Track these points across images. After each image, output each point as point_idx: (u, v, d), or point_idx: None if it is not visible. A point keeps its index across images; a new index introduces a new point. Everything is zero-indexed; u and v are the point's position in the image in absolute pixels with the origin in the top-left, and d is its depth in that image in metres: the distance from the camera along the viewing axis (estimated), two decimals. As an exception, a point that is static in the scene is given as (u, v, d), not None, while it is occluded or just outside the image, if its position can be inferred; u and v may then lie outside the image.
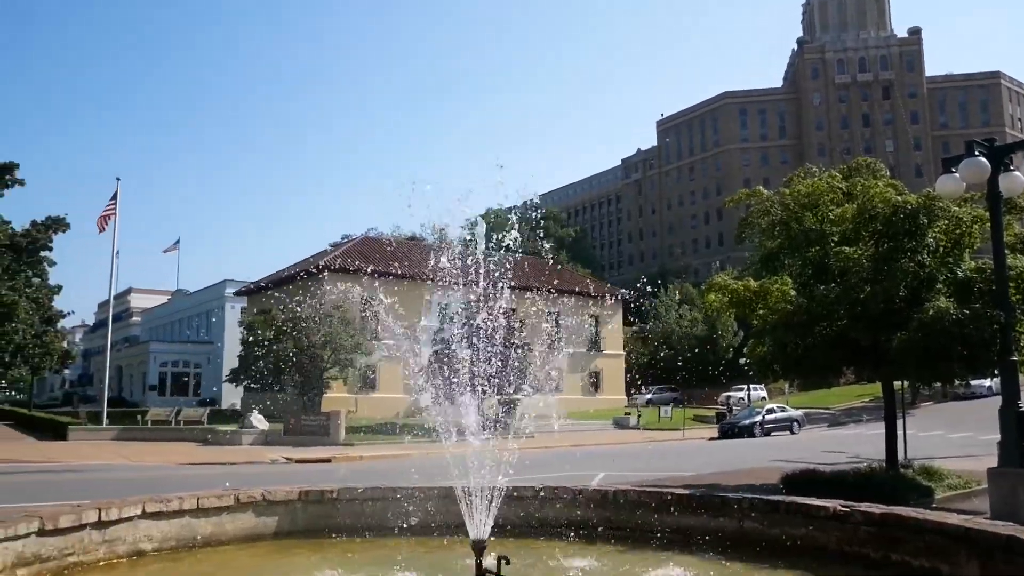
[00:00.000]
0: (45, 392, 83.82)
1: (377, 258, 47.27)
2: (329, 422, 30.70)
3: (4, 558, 7.02)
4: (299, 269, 48.65)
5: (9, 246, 36.20)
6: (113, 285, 38.47)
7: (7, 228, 37.18)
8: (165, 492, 9.39)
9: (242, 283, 58.66)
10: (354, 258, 45.22)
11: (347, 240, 60.86)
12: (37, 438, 35.56)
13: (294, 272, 48.85)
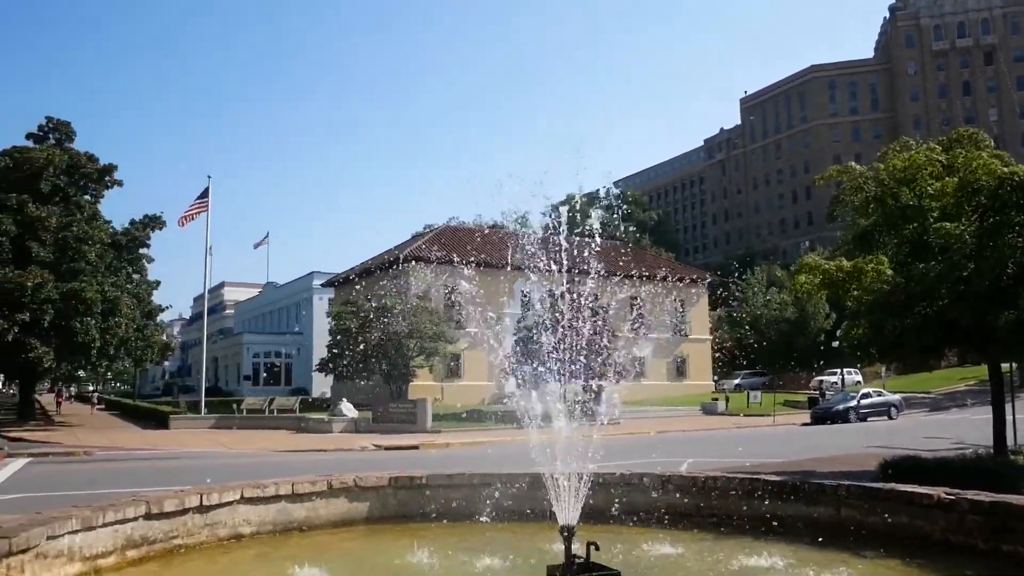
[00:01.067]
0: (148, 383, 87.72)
1: (459, 247, 47.70)
2: (416, 409, 31.17)
3: (115, 540, 7.36)
4: (383, 259, 49.49)
5: (111, 244, 37.87)
6: (207, 279, 40.06)
7: (108, 227, 38.92)
8: (261, 478, 9.68)
9: (329, 274, 60.03)
10: (437, 247, 45.72)
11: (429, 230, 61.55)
12: (141, 427, 37.26)
13: (378, 263, 49.72)
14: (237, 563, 7.90)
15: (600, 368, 8.82)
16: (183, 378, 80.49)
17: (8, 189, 35.64)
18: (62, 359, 35.53)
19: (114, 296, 35.07)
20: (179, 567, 7.63)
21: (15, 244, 34.25)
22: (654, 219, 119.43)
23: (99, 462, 21.76)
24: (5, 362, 37.05)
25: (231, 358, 68.69)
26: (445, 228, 58.83)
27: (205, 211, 36.65)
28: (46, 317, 32.78)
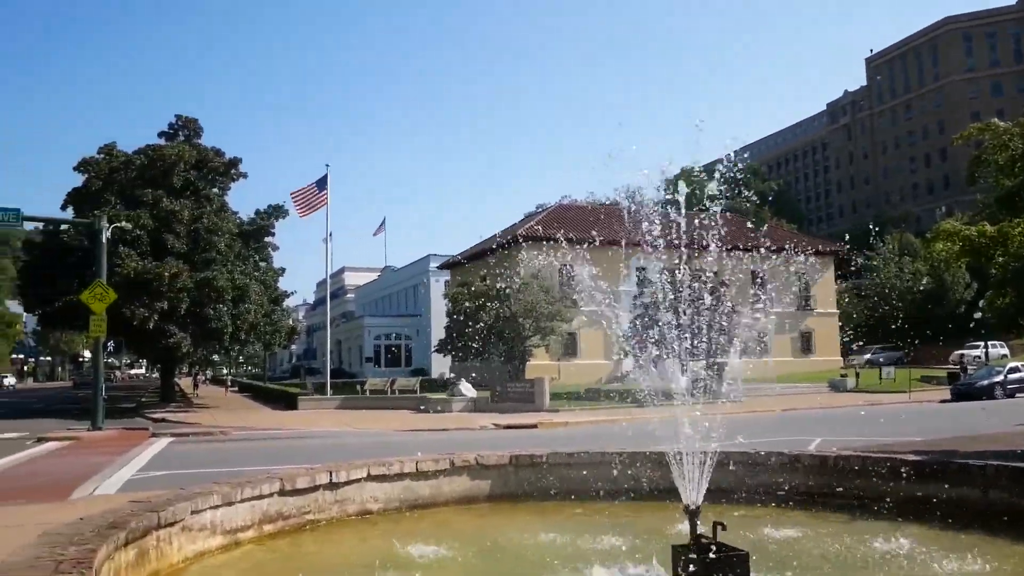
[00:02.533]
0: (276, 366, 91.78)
1: (573, 225, 47.47)
2: (534, 389, 31.31)
3: (253, 515, 7.71)
4: (497, 240, 49.83)
5: (238, 234, 39.64)
6: (328, 265, 41.32)
7: (236, 218, 40.75)
8: (386, 457, 9.92)
9: (445, 256, 60.99)
10: (550, 226, 45.63)
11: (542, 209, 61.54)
12: (272, 407, 38.92)
13: (492, 243, 50.11)
14: (365, 538, 8.13)
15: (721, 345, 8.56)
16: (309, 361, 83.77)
17: (144, 185, 37.81)
18: (198, 344, 37.49)
19: (243, 284, 36.71)
20: (311, 541, 7.92)
21: (152, 237, 36.32)
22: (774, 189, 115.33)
23: (234, 441, 22.84)
24: (148, 348, 39.52)
25: (353, 340, 70.98)
26: (558, 207, 58.63)
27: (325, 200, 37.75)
28: (183, 305, 34.69)
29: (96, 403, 25.84)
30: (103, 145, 40.10)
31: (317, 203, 37.75)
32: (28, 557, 4.82)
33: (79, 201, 38.68)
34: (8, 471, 16.18)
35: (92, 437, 23.36)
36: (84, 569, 4.53)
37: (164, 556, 6.53)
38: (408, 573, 6.63)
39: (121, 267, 32.96)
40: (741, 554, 5.85)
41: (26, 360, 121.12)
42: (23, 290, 42.30)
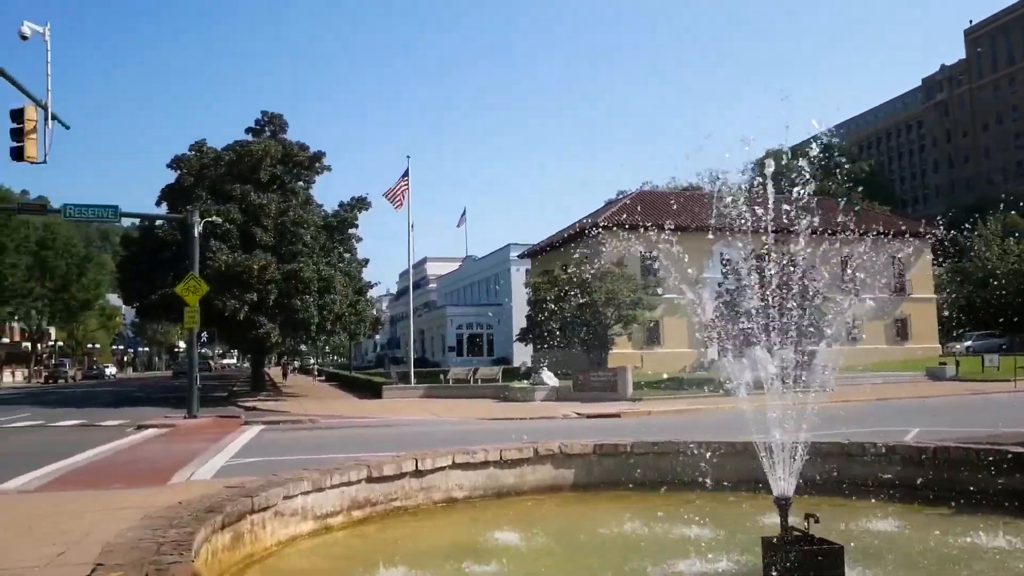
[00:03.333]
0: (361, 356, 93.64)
1: (654, 211, 46.86)
2: (616, 378, 31.08)
3: (341, 501, 7.87)
4: (577, 228, 49.57)
5: (323, 227, 40.52)
6: (411, 256, 41.90)
7: (320, 211, 41.67)
8: (470, 445, 9.99)
9: (525, 246, 61.06)
10: (631, 213, 45.12)
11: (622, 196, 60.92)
12: (357, 396, 39.76)
13: (573, 231, 49.88)
14: (451, 525, 8.21)
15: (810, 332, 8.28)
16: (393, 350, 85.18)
17: (233, 181, 39.02)
18: (286, 335, 38.53)
19: (329, 275, 37.53)
20: (398, 527, 8.03)
21: (241, 231, 37.47)
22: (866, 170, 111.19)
23: (322, 429, 23.40)
24: (239, 338, 40.83)
25: (436, 330, 71.86)
26: (639, 193, 57.93)
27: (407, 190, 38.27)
28: (271, 297, 35.69)
29: (191, 392, 26.86)
30: (194, 142, 41.58)
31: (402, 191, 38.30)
32: (132, 539, 5.02)
33: (172, 197, 40.23)
34: (111, 457, 16.97)
35: (188, 425, 24.30)
36: (184, 551, 4.69)
37: (258, 540, 6.72)
38: (492, 559, 6.65)
39: (213, 260, 34.11)
40: (835, 547, 5.66)
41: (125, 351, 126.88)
42: (122, 284, 44.29)
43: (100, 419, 26.96)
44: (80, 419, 27.11)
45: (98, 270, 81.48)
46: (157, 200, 41.28)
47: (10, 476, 13.74)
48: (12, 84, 16.30)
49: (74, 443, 19.33)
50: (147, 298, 38.25)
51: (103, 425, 24.76)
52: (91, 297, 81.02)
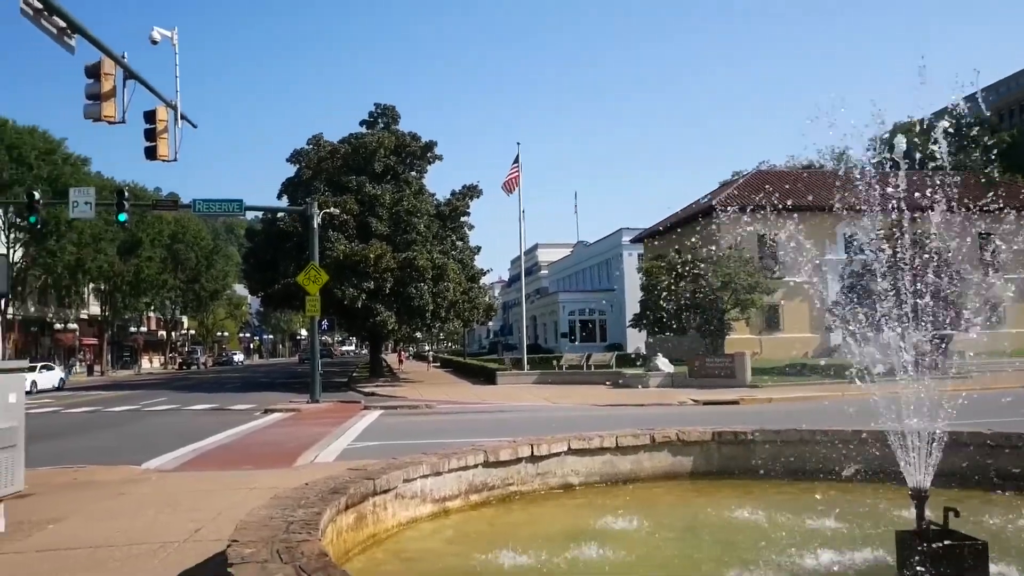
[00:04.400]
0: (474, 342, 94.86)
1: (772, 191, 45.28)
2: (734, 364, 30.30)
3: (459, 485, 7.96)
4: (691, 210, 48.56)
5: (436, 215, 41.20)
6: (522, 242, 41.99)
7: (433, 200, 42.37)
8: (585, 431, 9.92)
9: (638, 230, 60.31)
10: (748, 193, 43.81)
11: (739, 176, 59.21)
12: (472, 382, 40.27)
13: (687, 214, 48.89)
14: (567, 510, 8.18)
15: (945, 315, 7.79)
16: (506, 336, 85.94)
17: (349, 172, 40.18)
18: (402, 322, 39.44)
19: (442, 263, 38.14)
20: (515, 511, 8.06)
21: (358, 221, 38.55)
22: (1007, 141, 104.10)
23: (438, 414, 23.82)
24: (357, 326, 42.09)
25: (548, 316, 72.01)
26: (756, 173, 56.10)
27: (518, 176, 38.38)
28: (387, 285, 36.60)
29: (314, 378, 27.87)
30: (311, 136, 43.07)
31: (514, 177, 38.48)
32: (263, 517, 5.21)
33: (292, 190, 41.84)
34: (241, 439, 17.81)
35: (311, 409, 25.23)
36: (311, 530, 4.83)
37: (380, 521, 6.87)
38: (609, 545, 6.58)
39: (331, 250, 35.26)
40: (977, 544, 5.29)
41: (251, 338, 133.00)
42: (247, 274, 46.44)
43: (230, 403, 28.37)
44: (212, 403, 28.60)
45: (225, 261, 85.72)
46: (278, 193, 43.11)
47: (151, 456, 14.63)
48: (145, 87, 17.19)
49: (207, 426, 20.41)
50: (271, 287, 39.96)
51: (233, 409, 26.03)
52: (219, 287, 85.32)
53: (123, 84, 16.00)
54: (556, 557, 6.29)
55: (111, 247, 57.20)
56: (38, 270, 53.24)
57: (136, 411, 26.31)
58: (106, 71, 15.44)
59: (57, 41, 13.31)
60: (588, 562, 6.21)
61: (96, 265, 55.77)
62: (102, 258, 55.99)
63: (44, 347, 62.71)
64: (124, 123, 16.13)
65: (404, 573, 6.15)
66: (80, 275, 56.47)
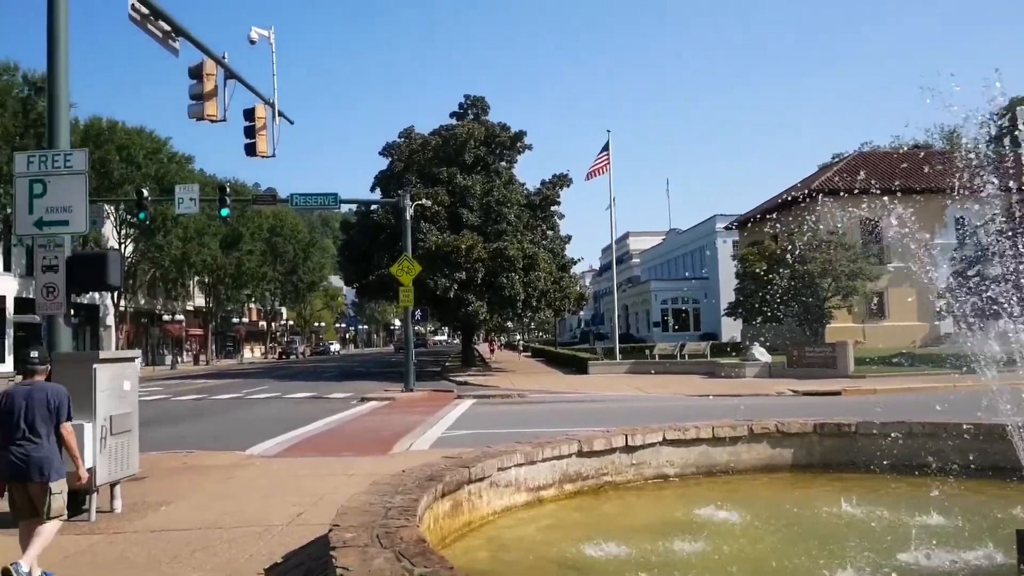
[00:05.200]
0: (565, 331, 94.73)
1: (876, 174, 43.54)
2: (835, 353, 29.29)
3: (553, 474, 7.95)
4: (789, 195, 47.16)
5: (526, 205, 41.26)
6: (613, 231, 41.65)
7: (523, 189, 42.44)
8: (680, 422, 9.76)
9: (732, 216, 59.02)
10: (850, 176, 42.21)
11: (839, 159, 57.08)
12: (563, 371, 40.24)
13: (784, 199, 47.51)
14: (662, 501, 8.07)
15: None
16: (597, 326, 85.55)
17: (440, 164, 40.65)
18: (493, 311, 39.70)
19: (533, 252, 38.21)
20: (609, 501, 8.00)
21: (449, 212, 39.00)
22: None
23: (530, 403, 23.86)
24: (450, 315, 42.63)
25: (640, 305, 71.30)
26: (857, 155, 53.95)
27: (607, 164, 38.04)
28: (479, 275, 36.91)
29: (408, 367, 28.36)
30: (403, 129, 43.78)
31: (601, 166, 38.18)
32: (362, 503, 5.31)
33: (385, 183, 42.63)
34: (339, 427, 18.27)
35: (405, 398, 25.68)
36: (409, 516, 4.89)
37: (475, 509, 6.91)
38: (704, 537, 6.46)
39: (424, 241, 35.78)
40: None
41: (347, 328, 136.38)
42: (342, 266, 47.64)
43: (327, 392, 29.16)
44: (310, 392, 29.47)
45: (321, 254, 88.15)
46: (371, 186, 44.01)
47: (255, 442, 15.17)
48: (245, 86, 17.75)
49: (306, 413, 21.03)
50: (365, 279, 40.87)
51: (330, 397, 26.75)
52: (316, 279, 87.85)
53: (224, 84, 16.53)
54: (650, 548, 6.21)
55: (214, 241, 59.53)
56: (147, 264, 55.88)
57: (240, 399, 27.34)
58: (208, 72, 15.99)
59: (162, 44, 13.85)
60: (683, 554, 6.10)
61: (200, 259, 58.17)
62: (206, 252, 58.34)
63: (153, 337, 65.90)
64: (225, 121, 16.71)
65: (500, 561, 6.17)
66: (186, 268, 59.00)
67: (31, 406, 6.15)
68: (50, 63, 9.82)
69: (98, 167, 42.69)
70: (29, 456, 6.03)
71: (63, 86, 9.83)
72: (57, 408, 6.24)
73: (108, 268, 9.27)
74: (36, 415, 6.13)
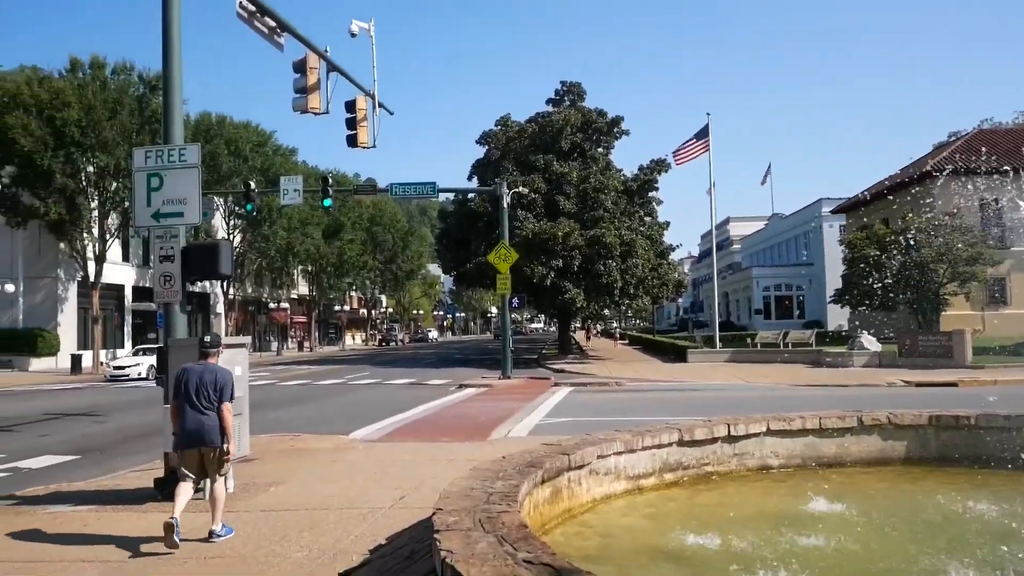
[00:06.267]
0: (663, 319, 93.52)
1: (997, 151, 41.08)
2: (951, 342, 27.86)
3: (653, 463, 7.85)
4: (901, 177, 45.07)
5: (623, 191, 40.82)
6: (713, 216, 40.76)
7: (620, 175, 42.00)
8: (784, 412, 9.47)
9: (839, 200, 56.93)
10: (967, 156, 39.98)
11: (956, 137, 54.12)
12: (661, 360, 39.72)
13: (896, 181, 45.43)
14: (765, 493, 7.85)
15: None
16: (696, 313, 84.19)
17: (536, 151, 40.65)
18: (590, 299, 39.56)
19: (630, 239, 37.83)
20: (710, 492, 7.84)
21: (545, 199, 38.99)
22: None
23: (628, 392, 23.66)
24: (547, 303, 42.69)
25: (741, 292, 69.73)
26: (977, 132, 50.97)
27: (706, 150, 37.19)
28: (575, 262, 36.81)
29: (505, 354, 28.55)
30: (499, 118, 44.01)
31: (697, 152, 37.37)
32: (464, 488, 5.36)
33: (482, 171, 42.97)
34: (438, 413, 18.56)
35: (503, 385, 25.87)
36: (510, 502, 4.91)
37: (575, 496, 6.89)
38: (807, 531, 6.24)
39: (520, 229, 35.89)
40: None
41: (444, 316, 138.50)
42: (440, 254, 48.30)
43: (426, 378, 29.68)
44: (410, 378, 30.06)
45: (419, 242, 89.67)
46: (468, 174, 44.46)
47: (357, 426, 15.58)
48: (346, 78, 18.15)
49: (406, 399, 21.47)
50: (463, 267, 41.33)
51: (429, 384, 27.22)
52: (414, 267, 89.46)
53: (326, 77, 16.96)
54: (752, 540, 6.05)
55: (317, 231, 61.29)
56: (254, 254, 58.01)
57: (342, 384, 28.13)
58: (311, 65, 16.42)
59: (268, 40, 14.29)
60: (788, 547, 5.91)
61: (304, 248, 60.01)
62: (309, 241, 60.15)
63: (260, 324, 68.51)
64: (328, 113, 17.13)
65: (600, 548, 6.13)
66: (290, 258, 60.98)
67: (203, 383, 7.18)
68: (165, 62, 10.24)
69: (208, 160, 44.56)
70: (203, 426, 7.09)
71: (177, 84, 10.25)
72: (222, 388, 7.23)
73: (220, 258, 9.64)
74: (207, 392, 7.15)
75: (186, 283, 9.67)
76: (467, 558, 3.68)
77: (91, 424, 17.44)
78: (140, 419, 17.88)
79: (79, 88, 38.51)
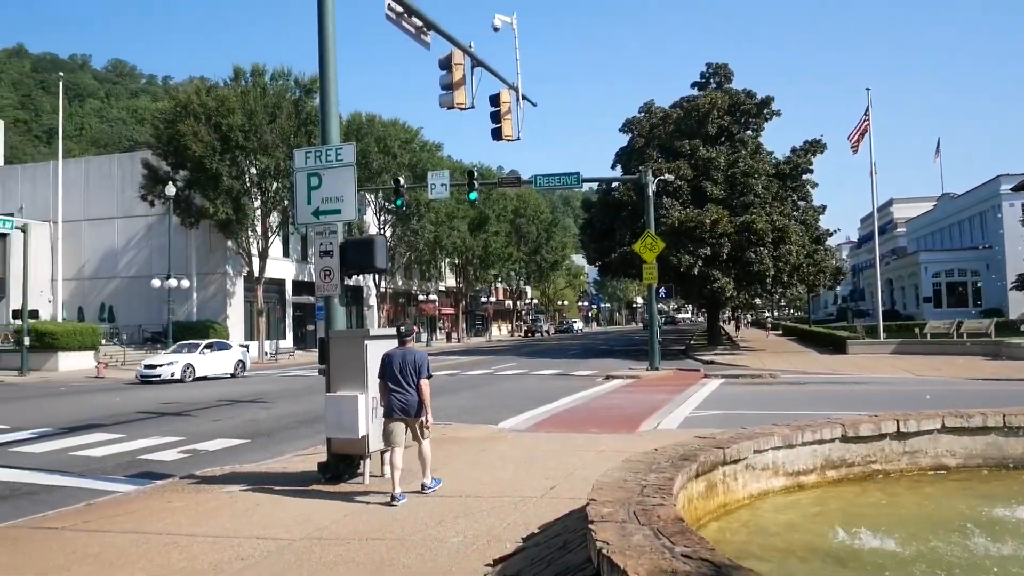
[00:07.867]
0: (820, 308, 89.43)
1: None
2: None
3: (814, 459, 7.47)
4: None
5: (775, 175, 39.21)
6: (874, 198, 38.46)
7: (771, 158, 40.38)
8: (960, 407, 8.80)
9: (1020, 176, 52.42)
10: None
11: None
12: (818, 351, 37.94)
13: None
14: (940, 495, 7.29)
15: None
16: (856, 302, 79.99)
17: (681, 137, 39.74)
18: (740, 288, 38.35)
19: (783, 225, 36.38)
20: (878, 491, 7.38)
21: (692, 186, 38.08)
22: None
23: (784, 384, 22.73)
24: (694, 293, 41.76)
25: (906, 279, 65.63)
26: None
27: (867, 128, 35.14)
28: (724, 250, 35.77)
29: (652, 345, 28.13)
30: (643, 104, 43.28)
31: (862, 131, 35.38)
32: (616, 479, 5.29)
33: (626, 159, 42.48)
34: (585, 404, 18.52)
35: (650, 376, 25.52)
36: (665, 495, 4.79)
37: (730, 491, 6.66)
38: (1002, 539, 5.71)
39: (666, 217, 35.25)
40: None
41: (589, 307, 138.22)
42: (584, 244, 48.16)
43: (572, 369, 29.71)
44: (556, 369, 30.18)
45: (563, 233, 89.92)
46: (612, 163, 44.08)
47: (506, 416, 15.79)
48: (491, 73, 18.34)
49: (553, 390, 21.55)
50: (607, 257, 41.04)
51: (575, 375, 27.22)
52: (559, 258, 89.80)
53: (471, 72, 17.21)
54: (920, 545, 5.62)
55: (463, 224, 62.59)
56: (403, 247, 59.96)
57: (489, 375, 28.61)
58: (456, 62, 16.72)
59: (415, 39, 14.65)
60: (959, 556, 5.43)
61: (451, 241, 61.45)
62: (456, 235, 61.52)
63: (410, 316, 70.80)
64: (474, 108, 17.39)
65: (757, 545, 5.89)
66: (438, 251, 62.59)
67: (405, 364, 8.41)
68: (321, 70, 10.71)
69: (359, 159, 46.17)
70: (408, 400, 8.36)
71: (333, 88, 10.70)
72: (419, 367, 8.43)
73: (376, 252, 10.00)
74: (409, 371, 8.38)
75: (344, 277, 10.08)
76: (623, 550, 3.61)
77: (258, 410, 18.57)
78: (303, 406, 18.86)
79: (242, 95, 41.10)
